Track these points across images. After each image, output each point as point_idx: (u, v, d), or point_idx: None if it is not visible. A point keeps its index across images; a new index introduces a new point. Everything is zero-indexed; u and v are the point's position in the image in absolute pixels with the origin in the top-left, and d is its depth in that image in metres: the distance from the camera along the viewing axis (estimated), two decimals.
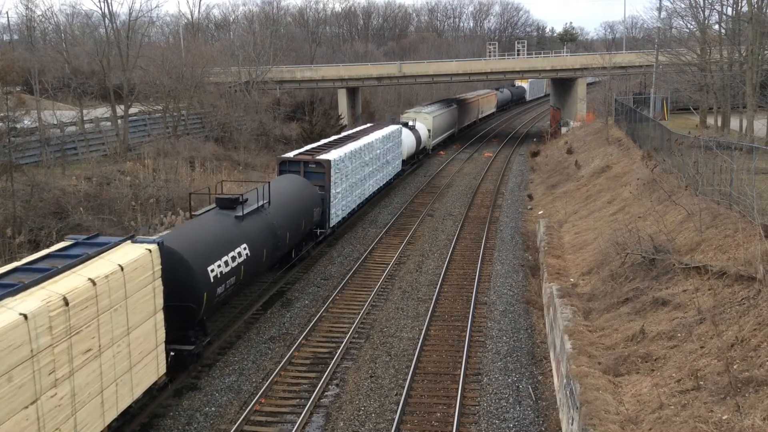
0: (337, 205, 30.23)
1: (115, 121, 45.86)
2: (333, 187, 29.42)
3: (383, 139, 38.96)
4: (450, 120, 65.16)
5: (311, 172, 28.68)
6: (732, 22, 37.86)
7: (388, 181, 41.38)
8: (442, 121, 61.09)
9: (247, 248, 20.29)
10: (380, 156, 38.23)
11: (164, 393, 16.90)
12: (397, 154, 43.05)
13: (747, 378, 11.40)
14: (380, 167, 38.49)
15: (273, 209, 23.00)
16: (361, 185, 34.39)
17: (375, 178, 37.42)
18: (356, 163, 32.94)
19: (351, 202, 32.71)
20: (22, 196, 28.81)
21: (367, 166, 35.26)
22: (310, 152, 31.04)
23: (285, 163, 29.38)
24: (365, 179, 35.13)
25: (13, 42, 76.09)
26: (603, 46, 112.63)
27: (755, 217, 16.74)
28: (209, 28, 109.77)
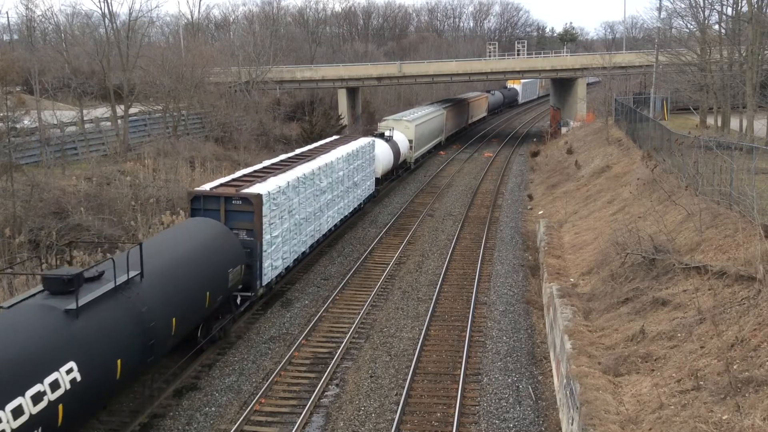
0: (275, 253, 23.02)
1: (115, 121, 45.85)
2: (268, 230, 22.16)
3: (349, 157, 32.11)
4: (436, 127, 58.90)
5: (235, 211, 21.35)
6: (732, 22, 37.87)
7: (356, 207, 34.59)
8: (427, 130, 54.55)
9: (77, 368, 12.30)
10: (345, 178, 31.56)
11: (164, 393, 16.88)
12: (368, 173, 36.46)
13: (747, 378, 11.40)
14: (345, 192, 31.75)
15: (148, 285, 15.19)
16: (316, 219, 27.62)
17: (337, 206, 30.74)
18: (307, 193, 26.08)
19: (299, 244, 25.63)
20: (22, 196, 28.80)
21: (325, 194, 28.54)
22: (237, 182, 23.35)
23: (199, 200, 21.44)
24: (322, 210, 28.34)
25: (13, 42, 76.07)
26: (603, 46, 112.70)
27: (755, 217, 16.74)
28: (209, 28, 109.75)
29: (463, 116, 73.46)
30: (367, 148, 36.23)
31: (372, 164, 37.37)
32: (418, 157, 52.52)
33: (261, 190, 22.08)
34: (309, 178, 26.35)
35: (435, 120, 57.94)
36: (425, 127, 53.45)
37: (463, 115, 73.03)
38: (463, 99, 75.97)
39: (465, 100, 75.73)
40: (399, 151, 44.57)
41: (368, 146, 36.49)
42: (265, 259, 22.13)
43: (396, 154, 43.66)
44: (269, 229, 22.28)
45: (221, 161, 44.05)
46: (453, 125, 67.61)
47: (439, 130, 60.10)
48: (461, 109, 72.13)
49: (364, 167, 35.46)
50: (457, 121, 69.65)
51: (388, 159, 41.79)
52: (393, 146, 43.10)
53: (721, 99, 39.22)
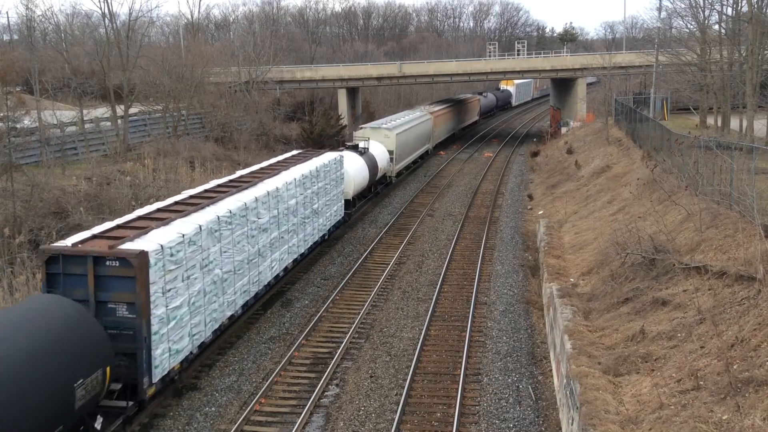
0: (178, 331, 16.27)
1: (115, 121, 45.86)
2: (162, 301, 15.51)
3: (305, 180, 26.06)
4: (422, 134, 52.55)
5: (111, 277, 14.87)
6: (732, 22, 37.87)
7: (319, 239, 28.64)
8: (411, 138, 48.21)
9: None
10: (300, 206, 25.45)
11: (164, 393, 16.89)
12: (336, 196, 30.63)
13: (747, 378, 11.40)
14: (300, 224, 25.68)
15: None
16: (253, 268, 21.05)
17: (288, 244, 24.37)
18: (236, 235, 19.72)
19: (222, 308, 18.84)
20: (22, 196, 28.81)
21: (267, 231, 22.17)
22: (121, 230, 16.54)
23: (56, 261, 14.97)
24: (263, 254, 21.85)
25: (13, 42, 76.07)
26: (603, 46, 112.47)
27: (755, 217, 16.74)
28: (209, 28, 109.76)
29: (453, 121, 67.65)
30: (334, 165, 30.02)
31: (340, 184, 31.23)
32: (401, 169, 46.44)
33: (149, 243, 15.44)
34: (239, 215, 19.90)
35: (420, 127, 51.45)
36: (409, 136, 47.24)
37: (453, 119, 67.26)
38: (453, 102, 70.14)
39: (455, 103, 69.87)
40: (376, 165, 37.96)
41: (334, 163, 30.22)
42: (158, 343, 15.39)
43: (372, 168, 37.13)
44: (165, 299, 15.66)
45: (221, 161, 44.08)
46: (442, 131, 61.71)
47: (425, 138, 53.92)
48: (451, 114, 65.92)
49: (329, 189, 29.46)
50: (446, 126, 63.71)
51: (363, 176, 35.41)
52: (369, 160, 36.71)
53: (721, 99, 39.22)
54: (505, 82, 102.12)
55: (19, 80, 48.23)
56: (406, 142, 46.24)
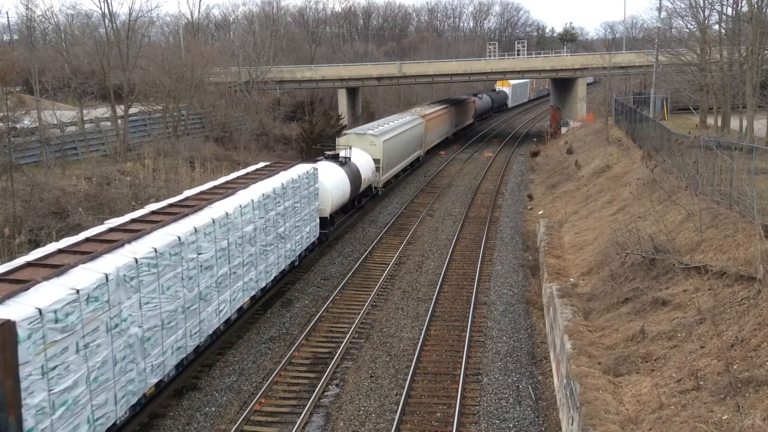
0: (65, 424, 12.23)
1: (115, 121, 45.86)
2: (42, 385, 11.67)
3: (267, 201, 22.20)
4: (412, 140, 48.69)
5: None
6: (732, 22, 37.87)
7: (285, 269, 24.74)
8: (400, 144, 44.47)
9: None
10: (259, 233, 21.53)
11: (164, 393, 16.88)
12: (309, 215, 27.02)
13: (747, 378, 11.40)
14: (261, 253, 21.79)
15: None
16: (192, 316, 17.14)
17: (245, 279, 20.50)
18: (164, 281, 15.70)
19: (140, 379, 14.99)
20: (22, 196, 28.82)
21: (214, 269, 18.27)
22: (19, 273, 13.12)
23: None
24: (207, 297, 17.98)
25: (13, 42, 76.09)
26: (603, 46, 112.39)
27: (755, 217, 16.74)
28: (209, 28, 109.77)
29: (447, 124, 64.07)
30: (306, 180, 26.29)
31: (314, 201, 27.60)
32: (390, 179, 42.42)
33: (21, 307, 11.51)
34: (169, 254, 15.87)
35: (411, 132, 47.74)
36: (397, 142, 43.52)
37: (446, 123, 63.65)
38: (446, 104, 66.18)
39: (448, 105, 65.92)
40: (359, 176, 34.34)
41: (307, 178, 26.43)
42: None
43: (355, 180, 33.39)
44: (46, 381, 11.72)
45: (221, 161, 44.09)
46: (435, 136, 58.03)
47: (416, 143, 50.16)
48: (444, 117, 62.18)
49: (301, 208, 25.73)
50: (439, 130, 60.11)
51: (343, 189, 31.64)
52: (351, 171, 33.02)
53: (721, 99, 39.22)
54: (500, 83, 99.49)
55: (19, 80, 48.24)
56: (394, 149, 42.55)
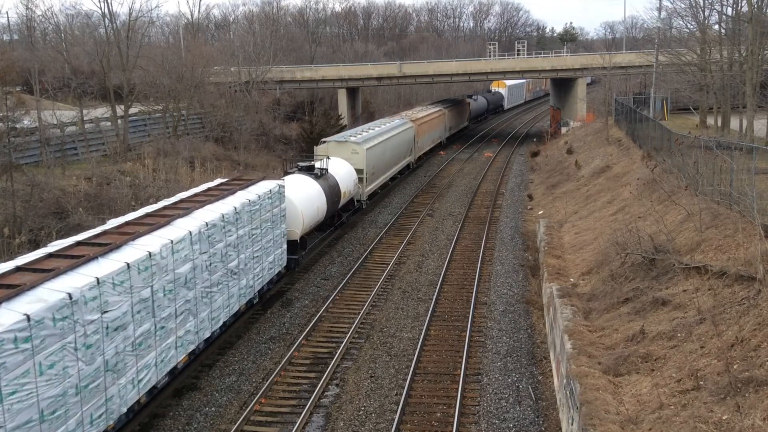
0: None
1: (115, 121, 45.84)
2: None
3: (212, 231, 18.33)
4: (401, 146, 44.99)
5: None
6: (732, 22, 37.89)
7: (238, 311, 20.75)
8: (387, 152, 40.82)
9: None
10: (200, 272, 17.69)
11: (164, 393, 16.89)
12: (273, 240, 22.98)
13: (747, 378, 11.39)
14: (202, 298, 17.89)
15: None
16: (91, 397, 13.10)
17: (176, 335, 16.55)
18: (42, 359, 11.79)
19: None
20: (22, 196, 28.81)
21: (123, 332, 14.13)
22: None
23: None
24: (116, 369, 14.00)
25: (13, 42, 76.08)
26: (603, 46, 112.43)
27: (755, 217, 16.73)
28: (209, 28, 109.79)
29: (440, 128, 60.61)
30: (268, 200, 22.32)
31: (280, 224, 23.46)
32: (375, 189, 39.05)
33: None
34: (53, 318, 11.99)
35: (399, 137, 44.07)
36: (384, 149, 39.89)
37: (439, 126, 59.97)
38: (440, 107, 62.67)
39: (441, 108, 62.46)
40: (338, 189, 30.61)
41: (270, 197, 22.50)
42: None
43: (333, 195, 29.68)
44: None
45: (221, 161, 44.11)
46: (427, 141, 54.25)
47: (406, 150, 46.57)
48: (437, 120, 58.39)
49: (262, 234, 21.73)
50: (431, 135, 56.34)
51: (317, 206, 27.53)
52: (328, 185, 29.24)
53: (721, 99, 39.23)
54: (496, 83, 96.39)
55: (19, 80, 48.21)
56: (380, 157, 38.88)
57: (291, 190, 25.43)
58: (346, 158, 34.23)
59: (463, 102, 73.97)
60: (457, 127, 70.17)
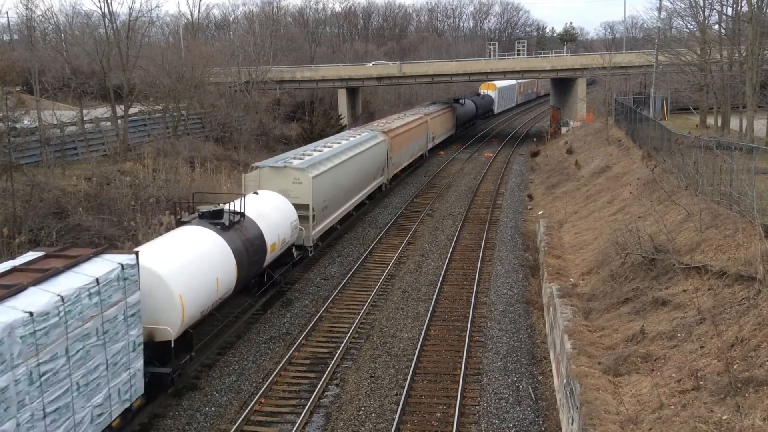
0: None
1: (115, 121, 45.83)
2: None
3: None
4: (370, 166, 36.30)
5: None
6: (732, 22, 37.88)
7: None
8: (348, 176, 32.09)
9: None
10: None
11: (164, 393, 16.87)
12: (107, 367, 13.72)
13: (747, 378, 11.39)
14: None
15: None
16: None
17: None
18: None
19: None
20: (22, 196, 28.80)
21: None
22: None
23: None
24: None
25: (13, 42, 76.07)
26: (603, 46, 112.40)
27: (755, 217, 16.74)
28: (209, 28, 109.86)
29: (421, 139, 52.07)
30: (95, 299, 13.33)
31: (129, 328, 14.50)
32: (332, 225, 30.19)
33: None
34: None
35: (366, 155, 35.36)
36: (341, 174, 30.69)
37: (420, 137, 51.46)
38: (421, 114, 54.47)
39: (422, 115, 54.03)
40: (263, 242, 21.64)
41: (100, 292, 13.47)
42: None
43: (252, 251, 20.73)
44: None
45: (221, 161, 44.10)
46: (404, 155, 45.93)
47: (376, 169, 38.03)
48: (417, 130, 49.97)
49: (80, 361, 12.92)
50: (410, 147, 47.82)
51: (216, 277, 18.31)
52: (243, 238, 20.37)
53: (721, 99, 39.23)
54: (485, 86, 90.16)
55: (19, 80, 48.19)
56: (336, 184, 29.84)
57: (164, 260, 16.50)
58: (286, 190, 25.72)
59: (448, 107, 66.48)
60: (443, 135, 62.51)
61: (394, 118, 51.02)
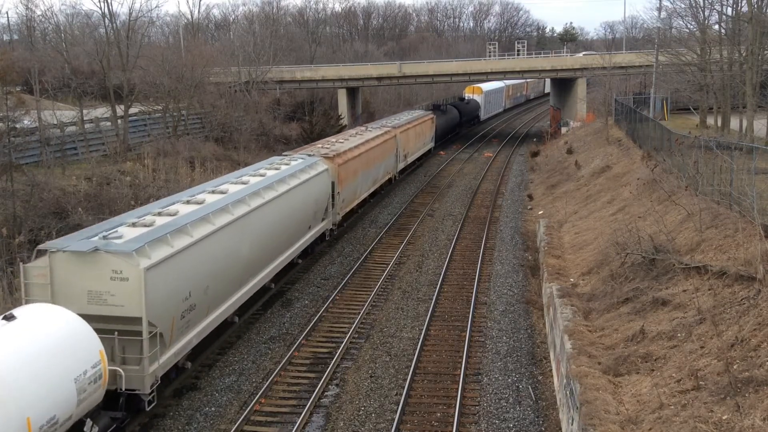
0: None
1: (115, 121, 45.83)
2: None
3: None
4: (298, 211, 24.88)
5: None
6: (732, 22, 37.87)
7: None
8: (245, 240, 19.89)
9: None
10: None
11: (164, 393, 16.87)
12: None
13: (747, 378, 11.40)
14: None
15: None
16: None
17: None
18: None
19: None
20: (22, 196, 28.81)
21: None
22: None
23: None
24: None
25: (13, 42, 76.07)
26: (603, 46, 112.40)
27: (755, 217, 16.74)
28: (209, 28, 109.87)
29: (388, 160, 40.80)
30: None
31: None
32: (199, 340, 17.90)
33: None
34: None
35: (290, 198, 23.97)
36: (231, 240, 19.11)
37: (385, 157, 40.08)
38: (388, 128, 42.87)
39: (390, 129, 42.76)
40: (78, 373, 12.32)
41: None
42: None
43: None
44: None
45: (221, 161, 44.10)
46: (360, 185, 34.53)
47: (312, 214, 26.76)
48: (382, 149, 38.88)
49: None
50: (369, 174, 36.35)
51: None
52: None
53: (721, 99, 39.24)
54: (470, 89, 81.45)
55: (19, 80, 48.19)
56: (218, 262, 18.34)
57: None
58: (99, 293, 14.83)
59: (425, 118, 53.52)
60: (419, 150, 51.01)
61: (350, 134, 39.58)
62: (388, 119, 51.20)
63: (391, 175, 43.05)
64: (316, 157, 29.37)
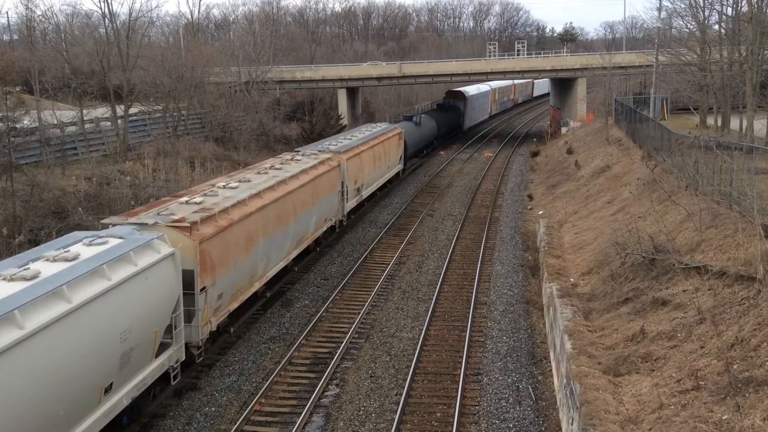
0: None
1: (115, 121, 45.84)
2: None
3: None
4: (133, 331, 13.63)
5: None
6: (732, 22, 37.89)
7: None
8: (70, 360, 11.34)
9: None
10: None
11: (164, 393, 16.88)
12: None
13: (747, 378, 11.40)
14: None
15: None
16: None
17: None
18: None
19: None
20: (22, 196, 28.82)
21: None
22: None
23: None
24: None
25: (13, 42, 76.04)
26: (603, 46, 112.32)
27: (755, 217, 16.74)
28: (209, 28, 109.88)
29: (325, 201, 28.13)
30: None
31: None
32: None
33: None
34: None
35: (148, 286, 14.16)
36: None
37: (324, 197, 27.91)
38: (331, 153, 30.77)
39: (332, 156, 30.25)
40: None
41: None
42: None
43: None
44: None
45: (221, 161, 44.10)
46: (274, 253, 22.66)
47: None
48: (317, 185, 26.87)
49: None
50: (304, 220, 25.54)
51: None
52: None
53: (721, 99, 39.24)
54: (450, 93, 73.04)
55: (19, 80, 48.18)
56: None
57: None
58: None
59: (390, 133, 41.55)
60: (379, 178, 38.78)
61: (258, 169, 26.27)
62: (335, 138, 37.92)
63: (335, 220, 30.47)
64: (149, 235, 15.68)
